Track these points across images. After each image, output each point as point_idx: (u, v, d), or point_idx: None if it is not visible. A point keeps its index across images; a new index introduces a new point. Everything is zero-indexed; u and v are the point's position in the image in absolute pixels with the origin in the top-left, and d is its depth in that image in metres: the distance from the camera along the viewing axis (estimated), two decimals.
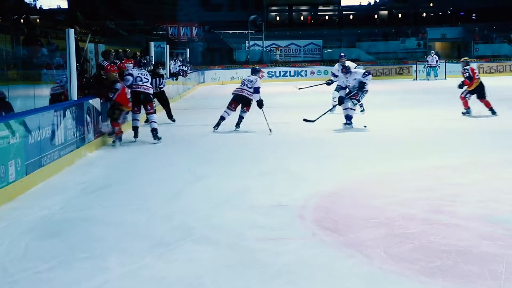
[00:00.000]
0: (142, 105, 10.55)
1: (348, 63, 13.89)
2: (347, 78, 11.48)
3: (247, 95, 11.45)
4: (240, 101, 11.55)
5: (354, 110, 11.47)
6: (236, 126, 11.52)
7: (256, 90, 11.34)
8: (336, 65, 14.07)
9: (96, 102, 9.54)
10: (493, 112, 12.88)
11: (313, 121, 11.48)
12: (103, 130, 9.89)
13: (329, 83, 14.54)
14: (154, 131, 10.20)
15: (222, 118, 11.51)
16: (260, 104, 11.27)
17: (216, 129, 11.38)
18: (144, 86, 10.33)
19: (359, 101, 11.52)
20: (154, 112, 10.69)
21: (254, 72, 11.82)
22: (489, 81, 25.22)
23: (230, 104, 11.61)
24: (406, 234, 4.67)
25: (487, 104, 12.94)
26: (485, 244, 4.38)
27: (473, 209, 5.37)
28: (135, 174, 7.48)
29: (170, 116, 13.42)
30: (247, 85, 11.50)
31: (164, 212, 5.55)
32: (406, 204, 5.61)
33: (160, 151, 9.34)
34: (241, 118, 11.59)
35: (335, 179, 6.87)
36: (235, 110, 11.63)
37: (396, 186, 6.52)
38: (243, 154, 8.85)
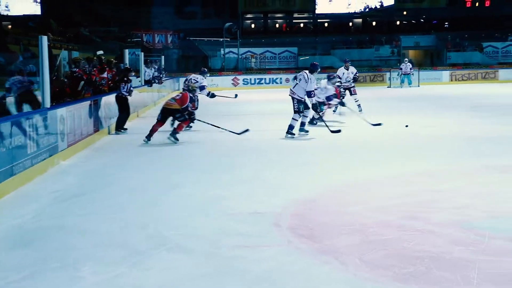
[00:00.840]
0: None
1: (351, 68, 15.85)
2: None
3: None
4: None
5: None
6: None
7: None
8: (342, 67, 16.07)
9: (69, 110, 9.44)
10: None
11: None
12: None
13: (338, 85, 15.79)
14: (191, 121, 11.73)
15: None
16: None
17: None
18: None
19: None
20: (196, 109, 12.35)
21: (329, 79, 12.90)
22: (461, 89, 25.63)
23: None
24: (380, 241, 4.70)
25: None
26: (458, 250, 4.43)
27: (447, 215, 5.42)
28: (109, 183, 7.41)
29: (122, 125, 12.59)
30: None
31: (139, 220, 5.50)
32: (381, 211, 5.65)
33: (135, 159, 9.27)
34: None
35: (311, 186, 6.88)
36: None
37: (371, 193, 6.56)
38: (218, 162, 8.83)
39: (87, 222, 5.51)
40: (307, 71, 11.41)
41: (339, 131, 11.46)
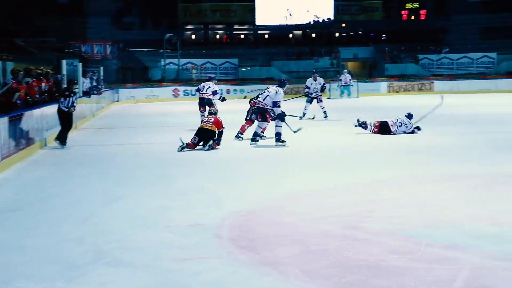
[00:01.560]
0: (205, 107, 14.13)
1: (319, 79, 17.71)
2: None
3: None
4: None
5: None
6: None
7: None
8: (310, 78, 17.80)
9: (3, 122, 9.16)
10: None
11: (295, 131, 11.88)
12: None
13: (306, 94, 17.61)
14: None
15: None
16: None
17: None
18: (206, 94, 14.49)
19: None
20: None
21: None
22: (398, 100, 26.26)
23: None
24: (320, 251, 4.74)
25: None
26: (395, 258, 4.51)
27: (384, 225, 5.52)
28: (46, 197, 7.22)
29: (64, 138, 11.93)
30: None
31: (76, 235, 5.37)
32: (321, 221, 5.70)
33: (73, 172, 9.06)
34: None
35: (251, 197, 6.89)
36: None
37: (312, 203, 6.62)
38: (158, 174, 8.73)
39: (22, 238, 5.35)
40: (275, 87, 11.81)
41: (299, 129, 11.96)
